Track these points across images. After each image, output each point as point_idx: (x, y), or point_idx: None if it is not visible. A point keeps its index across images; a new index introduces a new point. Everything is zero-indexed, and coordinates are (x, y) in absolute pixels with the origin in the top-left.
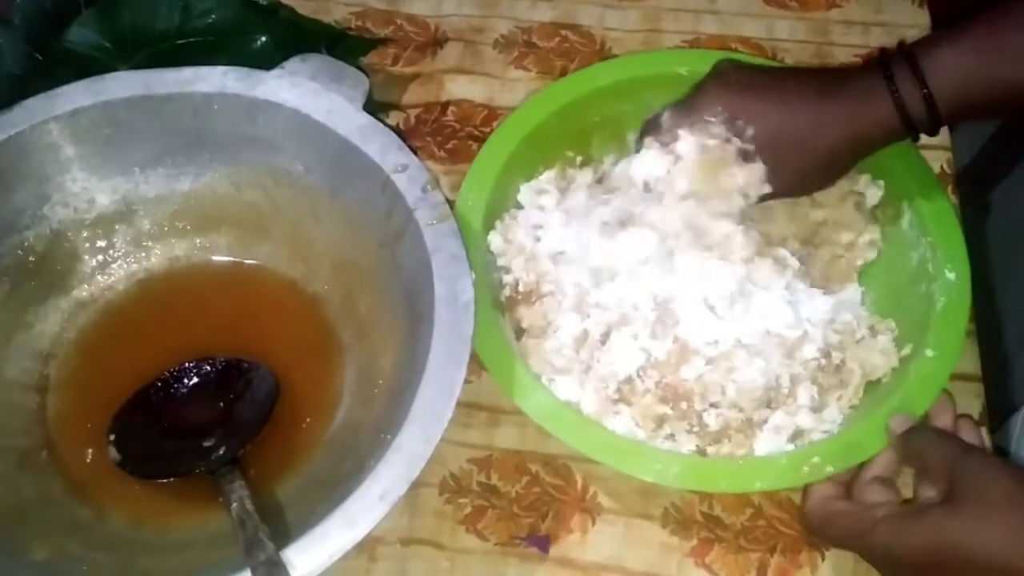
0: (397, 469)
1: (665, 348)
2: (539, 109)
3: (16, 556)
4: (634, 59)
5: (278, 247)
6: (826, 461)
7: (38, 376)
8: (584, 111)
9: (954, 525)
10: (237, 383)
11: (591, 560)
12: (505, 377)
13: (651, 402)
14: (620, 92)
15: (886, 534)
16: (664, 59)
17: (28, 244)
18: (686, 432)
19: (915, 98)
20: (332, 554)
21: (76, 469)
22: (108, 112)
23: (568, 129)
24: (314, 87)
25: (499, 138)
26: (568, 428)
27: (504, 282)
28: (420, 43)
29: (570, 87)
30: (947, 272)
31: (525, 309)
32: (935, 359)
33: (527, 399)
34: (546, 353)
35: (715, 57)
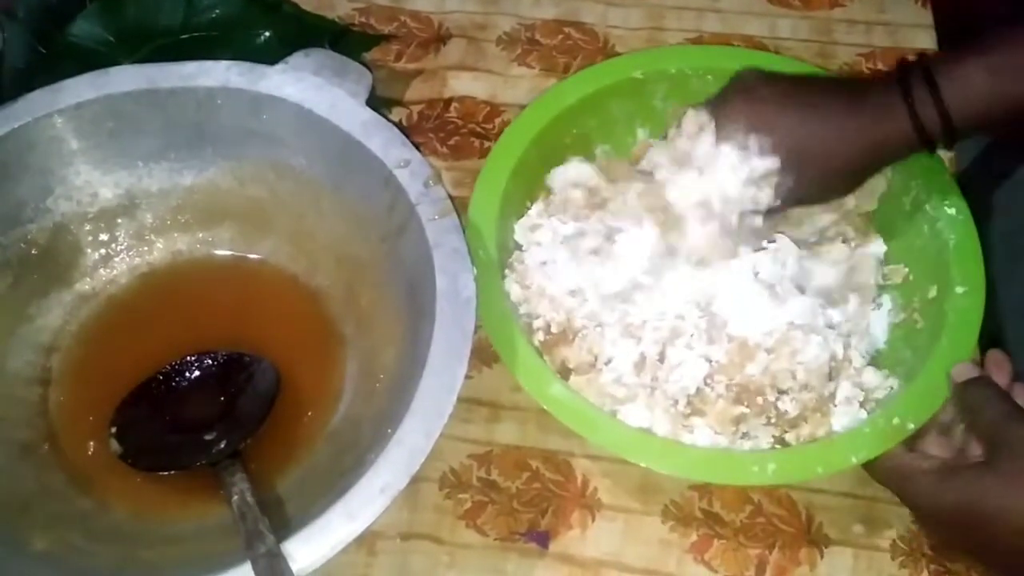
0: (397, 463)
1: (724, 350)
2: (539, 116)
3: (18, 548)
4: (635, 58)
5: (280, 241)
6: (906, 419)
7: (40, 369)
8: (583, 115)
9: (986, 485)
10: (239, 377)
11: (591, 556)
12: (577, 418)
13: (726, 406)
14: (622, 93)
15: (926, 486)
16: (664, 57)
17: (31, 237)
18: (763, 426)
19: (932, 115)
20: (332, 547)
21: (78, 461)
22: (112, 106)
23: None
24: (317, 82)
25: (498, 159)
26: (654, 453)
27: (535, 326)
28: (423, 39)
29: (568, 91)
30: (947, 208)
31: (566, 349)
32: (967, 294)
33: (603, 433)
34: (604, 386)
35: (719, 53)
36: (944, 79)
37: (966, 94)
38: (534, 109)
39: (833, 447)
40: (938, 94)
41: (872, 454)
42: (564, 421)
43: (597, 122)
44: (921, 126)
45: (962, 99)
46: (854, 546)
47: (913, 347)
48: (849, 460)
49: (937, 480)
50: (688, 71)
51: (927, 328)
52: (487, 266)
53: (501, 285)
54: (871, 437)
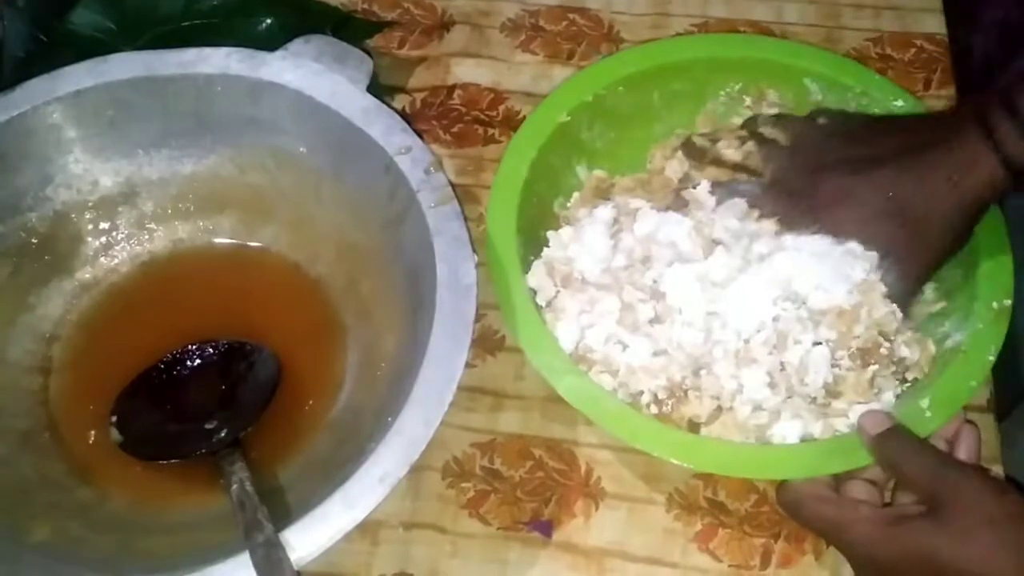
0: (397, 452)
1: (826, 325)
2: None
3: (17, 537)
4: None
5: (281, 229)
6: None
7: (41, 358)
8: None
9: (936, 538)
10: (239, 366)
11: (594, 545)
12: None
13: (858, 374)
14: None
15: (867, 535)
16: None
17: (31, 226)
18: (890, 377)
19: (1018, 144)
20: (331, 536)
21: (78, 451)
22: (111, 93)
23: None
24: (317, 68)
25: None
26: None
27: (644, 402)
28: (427, 26)
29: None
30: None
31: (687, 407)
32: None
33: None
34: (744, 422)
35: (732, 41)
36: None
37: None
38: (548, 105)
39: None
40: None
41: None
42: (608, 426)
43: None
44: (1013, 163)
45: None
46: None
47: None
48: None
49: (880, 530)
50: (754, 62)
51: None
52: (503, 261)
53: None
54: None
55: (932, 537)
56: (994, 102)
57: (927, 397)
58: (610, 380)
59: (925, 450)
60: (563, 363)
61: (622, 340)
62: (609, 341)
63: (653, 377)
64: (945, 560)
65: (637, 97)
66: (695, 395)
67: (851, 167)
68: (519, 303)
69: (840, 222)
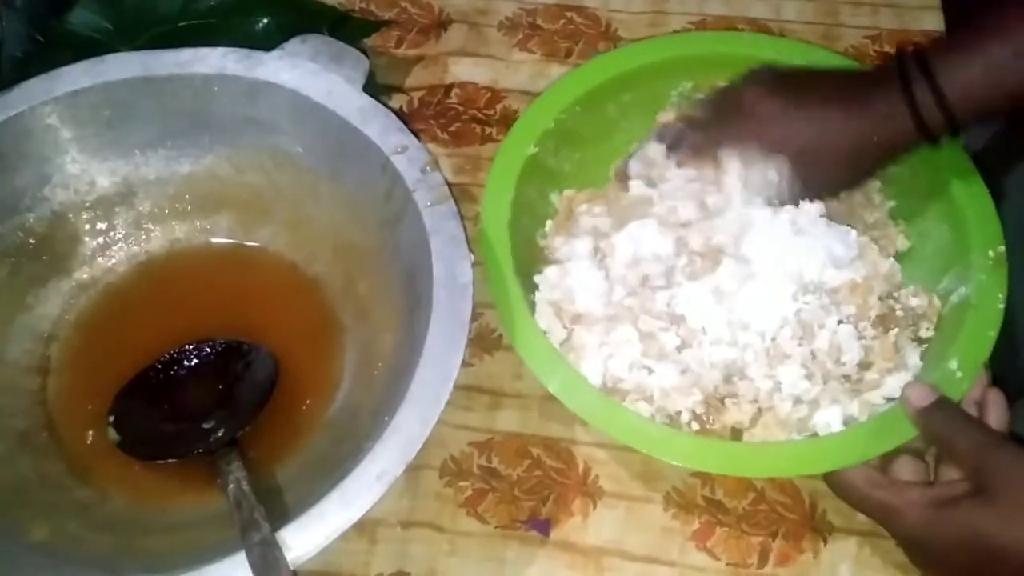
0: (394, 450)
1: (847, 301)
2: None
3: (16, 536)
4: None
5: (278, 229)
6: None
7: (39, 358)
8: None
9: (984, 519)
10: (237, 365)
11: (592, 544)
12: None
13: (883, 342)
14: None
15: (918, 520)
16: (678, 44)
17: (29, 226)
18: (912, 338)
19: (933, 110)
20: (328, 534)
21: (76, 450)
22: (108, 94)
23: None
24: (314, 68)
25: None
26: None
27: (684, 421)
28: (424, 25)
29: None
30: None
31: (727, 415)
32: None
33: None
34: (787, 419)
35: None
36: (942, 72)
37: (965, 87)
38: (544, 101)
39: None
40: (938, 89)
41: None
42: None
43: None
44: (923, 123)
45: (961, 92)
46: (858, 534)
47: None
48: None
49: (931, 514)
50: (703, 58)
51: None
52: (499, 266)
53: (515, 282)
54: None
55: (981, 518)
56: (913, 62)
57: (953, 358)
58: (647, 407)
59: (971, 426)
60: (557, 362)
61: (647, 366)
62: (634, 368)
63: (687, 395)
64: (994, 540)
65: (594, 115)
66: (732, 402)
67: (787, 98)
68: (515, 304)
69: (765, 138)
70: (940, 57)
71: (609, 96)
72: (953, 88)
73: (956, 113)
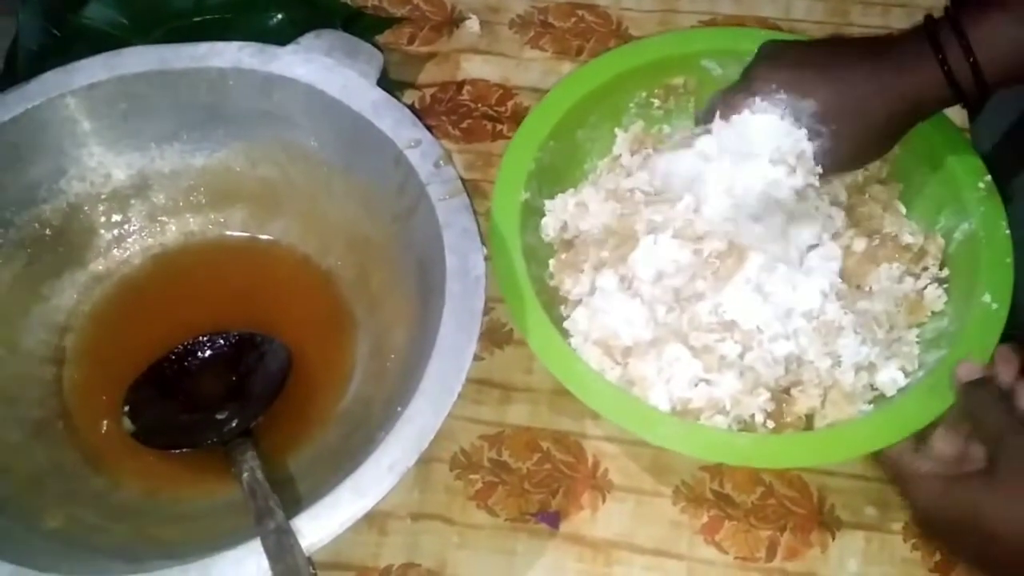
0: (406, 441)
1: (838, 295)
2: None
3: (32, 524)
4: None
5: (292, 222)
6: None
7: (54, 348)
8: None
9: (985, 497)
10: (250, 357)
11: (601, 537)
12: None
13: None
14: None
15: (925, 492)
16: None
17: (45, 217)
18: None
19: (963, 68)
20: (341, 523)
21: (91, 440)
22: (124, 87)
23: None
24: (328, 63)
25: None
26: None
27: (758, 421)
28: (436, 22)
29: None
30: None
31: (803, 397)
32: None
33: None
34: (852, 386)
35: (737, 35)
36: (973, 30)
37: (995, 45)
38: (555, 96)
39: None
40: (967, 45)
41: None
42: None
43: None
44: (953, 79)
45: (991, 49)
46: (866, 528)
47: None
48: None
49: (940, 487)
50: (710, 54)
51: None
52: (504, 244)
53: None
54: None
55: (982, 496)
56: (945, 21)
57: (985, 292)
58: (723, 419)
59: (1000, 408)
60: (569, 355)
61: (707, 378)
62: (697, 384)
63: (754, 396)
64: (991, 518)
65: (565, 144)
66: (798, 391)
67: (810, 54)
68: (526, 295)
69: (794, 86)
70: (969, 15)
71: (577, 122)
72: (981, 43)
73: (984, 69)
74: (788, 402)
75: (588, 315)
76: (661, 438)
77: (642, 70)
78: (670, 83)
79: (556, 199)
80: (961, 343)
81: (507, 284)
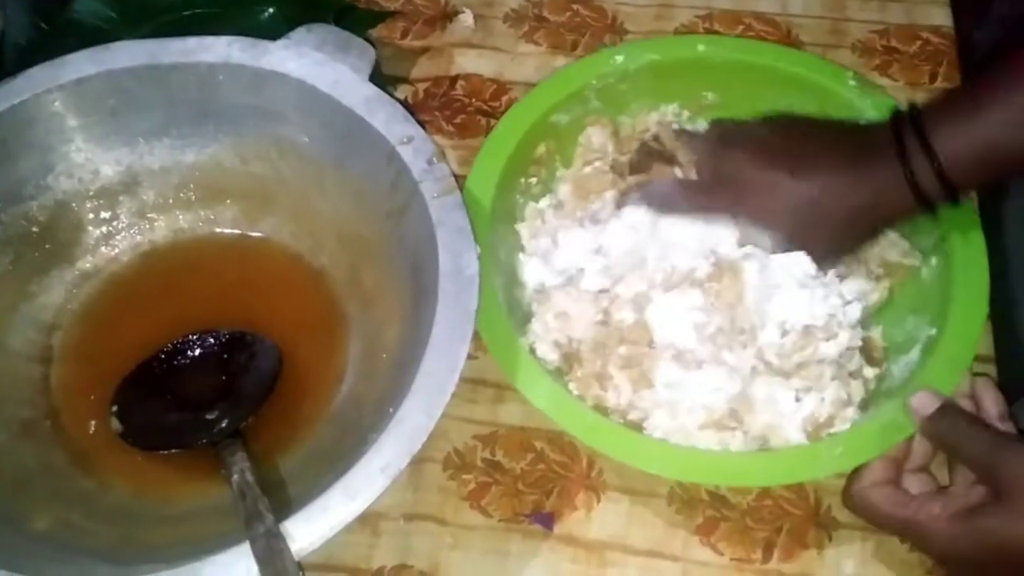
0: (399, 442)
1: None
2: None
3: (18, 526)
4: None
5: (283, 219)
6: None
7: (41, 347)
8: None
9: (1006, 525)
10: (241, 356)
11: (595, 538)
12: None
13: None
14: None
15: (945, 534)
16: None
17: (32, 214)
18: None
19: (930, 179)
20: (332, 526)
21: (79, 440)
22: (112, 82)
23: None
24: (320, 57)
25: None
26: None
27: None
28: (429, 16)
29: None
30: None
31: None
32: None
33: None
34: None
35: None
36: (937, 139)
37: (962, 155)
38: (541, 90)
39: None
40: (935, 158)
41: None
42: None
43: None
44: (921, 193)
45: (957, 161)
46: (863, 529)
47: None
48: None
49: (954, 526)
50: (703, 59)
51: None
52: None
53: (497, 294)
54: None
55: (1000, 525)
56: (911, 131)
57: (961, 283)
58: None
59: (977, 428)
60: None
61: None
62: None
63: (801, 411)
64: (1016, 544)
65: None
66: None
67: (785, 166)
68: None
69: (760, 210)
70: (936, 123)
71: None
72: (948, 157)
73: (953, 182)
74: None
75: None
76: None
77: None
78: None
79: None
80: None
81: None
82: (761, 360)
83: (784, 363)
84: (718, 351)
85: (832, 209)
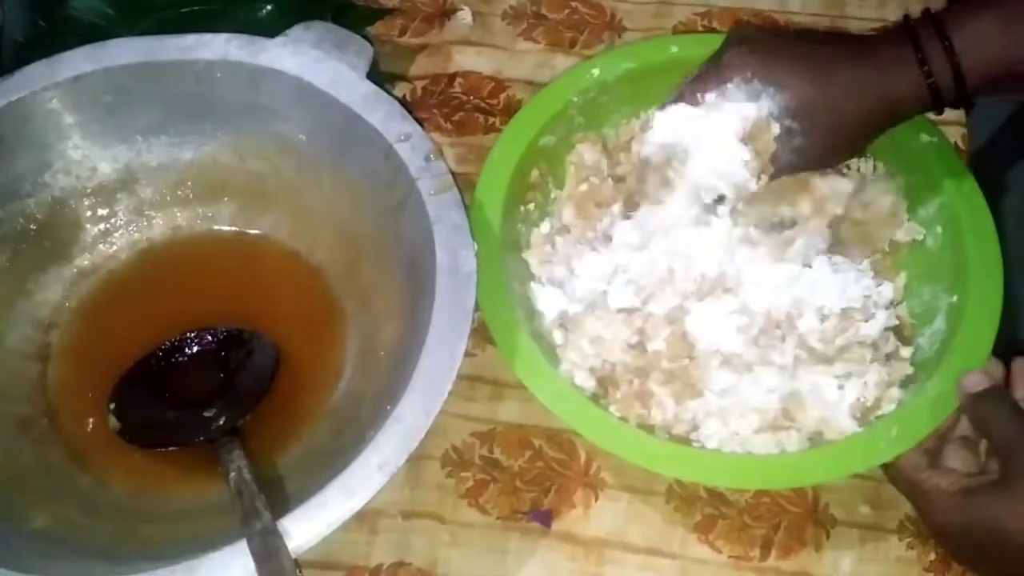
0: (396, 440)
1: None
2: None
3: (16, 523)
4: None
5: (281, 217)
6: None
7: (39, 344)
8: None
9: (1000, 506)
10: (238, 353)
11: (593, 535)
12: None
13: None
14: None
15: (940, 506)
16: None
17: (29, 212)
18: None
19: (944, 73)
20: (329, 524)
21: (76, 437)
22: (110, 79)
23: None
24: (317, 55)
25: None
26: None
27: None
28: (428, 14)
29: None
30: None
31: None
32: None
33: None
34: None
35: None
36: (956, 33)
37: (979, 49)
38: (527, 113)
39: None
40: (951, 48)
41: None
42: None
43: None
44: (933, 82)
45: (975, 54)
46: (860, 527)
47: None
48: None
49: (955, 501)
50: (678, 60)
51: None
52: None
53: (503, 278)
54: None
55: (996, 506)
56: (927, 21)
57: (972, 245)
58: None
59: (1012, 417)
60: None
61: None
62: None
63: (846, 398)
64: (1007, 528)
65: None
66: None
67: (786, 44)
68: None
69: (766, 75)
70: (954, 16)
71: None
72: (965, 47)
73: (966, 74)
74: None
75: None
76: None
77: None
78: None
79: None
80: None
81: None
82: (804, 348)
83: (827, 348)
84: (764, 351)
85: (846, 96)
